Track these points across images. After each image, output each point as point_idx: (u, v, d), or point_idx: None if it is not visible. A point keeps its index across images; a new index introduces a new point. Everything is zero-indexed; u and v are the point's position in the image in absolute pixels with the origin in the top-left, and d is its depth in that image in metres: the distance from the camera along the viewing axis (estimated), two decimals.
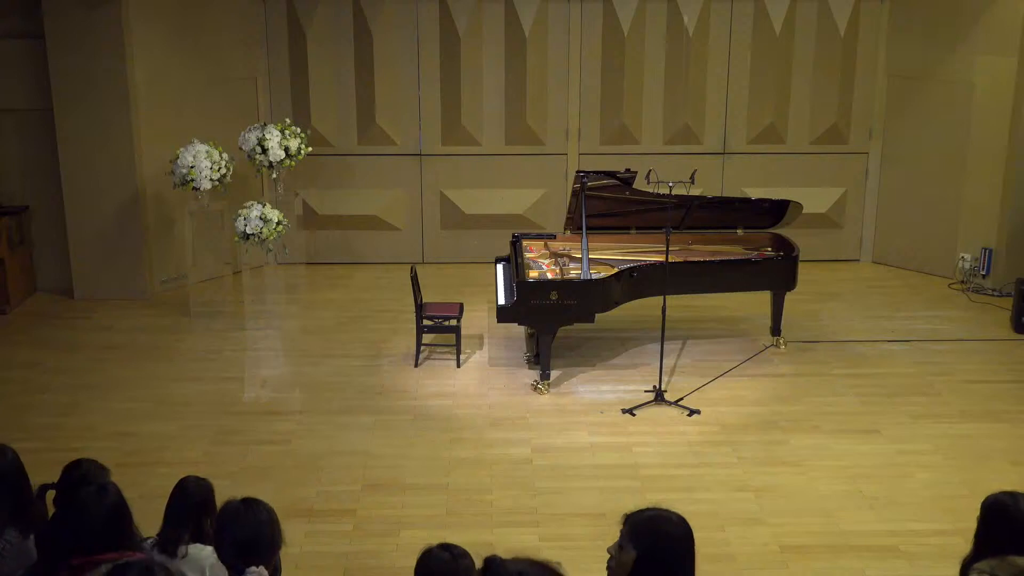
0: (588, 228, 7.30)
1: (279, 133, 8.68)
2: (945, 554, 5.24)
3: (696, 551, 3.00)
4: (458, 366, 7.70)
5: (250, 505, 3.36)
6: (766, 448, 6.43)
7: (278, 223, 8.28)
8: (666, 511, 2.91)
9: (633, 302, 7.47)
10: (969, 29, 9.23)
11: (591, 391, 7.26)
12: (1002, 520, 3.37)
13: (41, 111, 8.86)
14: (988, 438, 6.56)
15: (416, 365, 7.70)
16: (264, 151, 8.64)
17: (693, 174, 7.06)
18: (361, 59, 9.87)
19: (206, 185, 8.36)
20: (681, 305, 8.51)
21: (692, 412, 6.87)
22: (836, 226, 10.32)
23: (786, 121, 10.07)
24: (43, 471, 3.87)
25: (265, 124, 8.83)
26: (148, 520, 3.74)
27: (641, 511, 2.94)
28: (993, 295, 9.18)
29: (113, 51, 8.66)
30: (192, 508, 3.71)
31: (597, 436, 6.59)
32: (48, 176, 9.00)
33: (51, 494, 3.73)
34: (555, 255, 7.89)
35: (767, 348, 8.01)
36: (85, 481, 3.59)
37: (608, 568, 2.97)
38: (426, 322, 7.65)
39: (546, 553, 3.41)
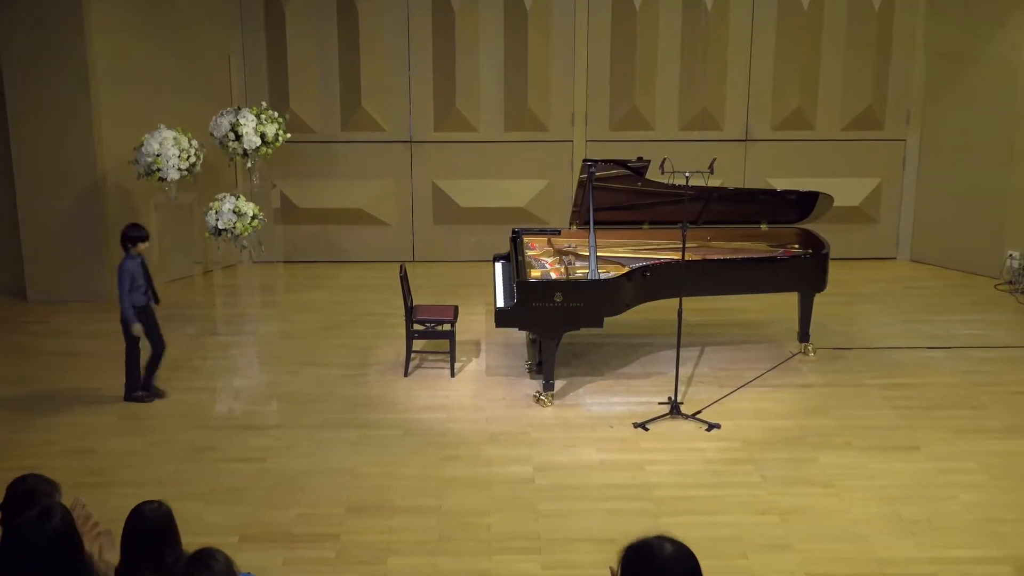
0: (596, 223, 7.29)
1: (254, 118, 8.68)
2: None
3: None
4: (452, 375, 7.69)
5: (205, 560, 3.25)
6: (793, 467, 6.41)
7: (253, 217, 8.27)
8: (662, 539, 2.85)
9: (646, 305, 7.46)
10: (1017, 2, 9.22)
11: (599, 403, 7.25)
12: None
13: None
14: None
15: (406, 374, 7.70)
16: (238, 138, 8.63)
17: (712, 163, 7.05)
18: (345, 36, 9.86)
19: (174, 175, 8.35)
20: (699, 308, 8.49)
21: (711, 427, 6.86)
22: (870, 221, 10.31)
23: (815, 105, 10.07)
24: None
25: (239, 108, 8.82)
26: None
27: (637, 540, 2.88)
28: None
29: (70, 28, 8.65)
30: (150, 539, 3.64)
31: (606, 453, 6.57)
32: None
33: None
34: (559, 253, 7.88)
35: (794, 356, 8.00)
36: (30, 500, 3.55)
37: None
38: (417, 327, 7.64)
39: None
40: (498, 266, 8.00)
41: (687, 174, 6.82)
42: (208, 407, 7.22)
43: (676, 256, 7.39)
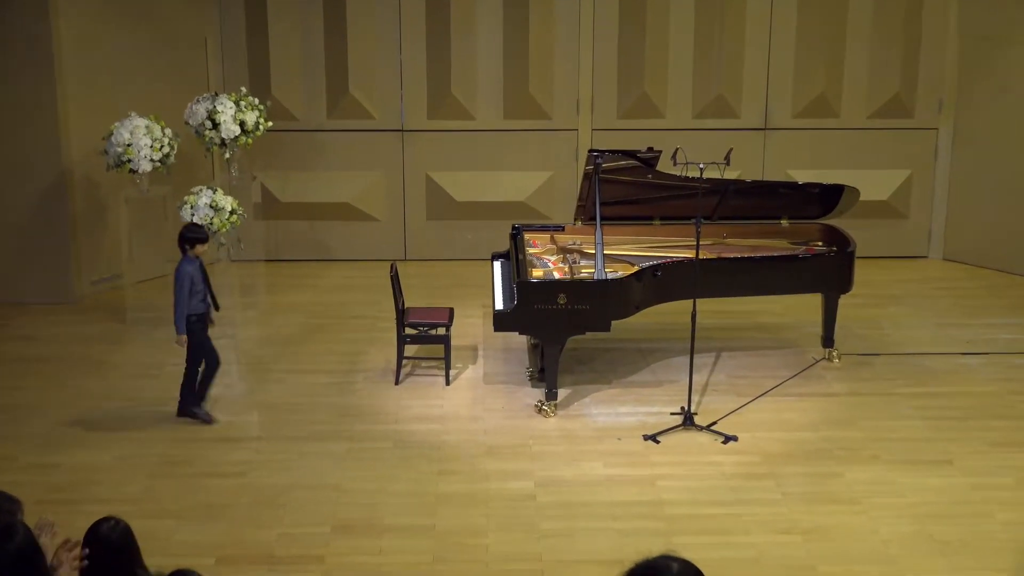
0: (603, 218, 7.29)
1: (233, 105, 8.67)
2: None
3: None
4: (447, 383, 7.69)
5: None
6: (816, 482, 6.41)
7: (232, 212, 8.26)
8: (668, 559, 2.84)
9: (657, 307, 7.46)
10: None
11: (606, 414, 7.25)
12: None
13: None
14: None
15: (397, 382, 7.69)
16: (215, 126, 8.63)
17: (728, 154, 7.04)
18: (331, 16, 9.86)
19: (146, 167, 8.34)
20: (714, 310, 8.49)
21: (728, 439, 6.86)
22: (900, 216, 10.31)
23: (839, 91, 10.07)
24: None
25: (216, 94, 8.81)
26: None
27: (642, 561, 2.87)
28: None
29: (35, 10, 8.64)
30: (108, 559, 3.64)
31: (614, 467, 6.57)
32: None
33: None
34: (563, 250, 7.88)
35: (817, 362, 8.00)
36: None
37: None
38: (409, 331, 7.63)
39: None
40: (497, 265, 7.99)
41: (701, 166, 6.81)
42: (182, 418, 7.21)
43: (689, 254, 7.38)
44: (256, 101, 8.90)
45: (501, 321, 7.13)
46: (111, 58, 9.11)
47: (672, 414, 7.12)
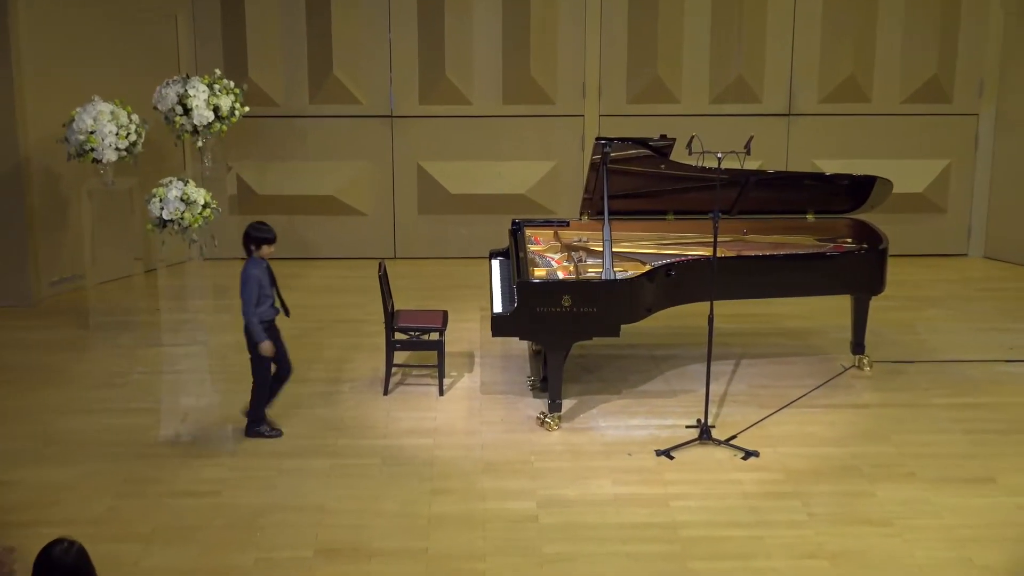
0: (612, 212, 7.28)
1: (206, 88, 8.66)
2: None
3: None
4: (441, 394, 7.68)
5: None
6: (845, 502, 6.40)
7: (205, 206, 8.25)
8: None
9: (670, 310, 7.45)
10: None
11: (615, 427, 7.24)
12: None
13: None
14: None
15: (386, 392, 7.68)
16: (186, 112, 8.62)
17: (749, 142, 7.03)
18: None
19: (110, 156, 8.33)
20: (733, 314, 8.46)
21: (748, 454, 6.85)
22: (937, 210, 10.30)
23: (870, 73, 10.06)
24: None
25: (188, 77, 8.80)
26: None
27: None
28: None
29: None
30: None
31: (623, 486, 6.56)
32: None
33: None
34: (568, 248, 7.86)
35: (846, 370, 7.99)
36: None
37: None
38: (399, 336, 7.62)
39: None
40: (495, 264, 7.98)
41: (719, 155, 6.79)
42: (151, 431, 7.20)
43: (706, 252, 7.36)
44: (231, 84, 8.89)
45: (500, 325, 7.12)
46: (72, 38, 9.09)
47: (687, 427, 7.10)
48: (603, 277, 7.07)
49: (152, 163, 9.06)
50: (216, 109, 8.69)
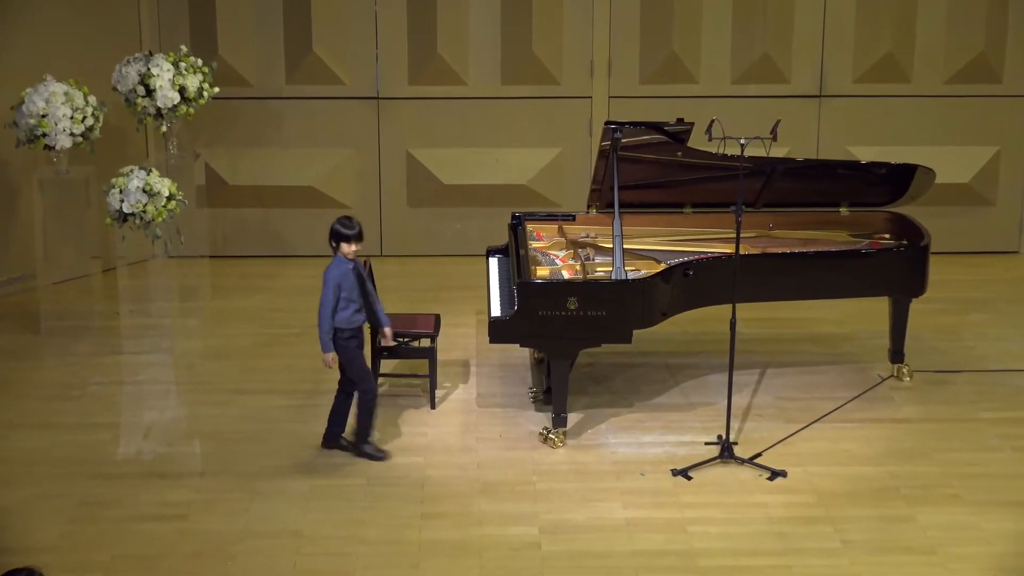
0: (623, 205, 7.28)
1: (171, 67, 8.66)
2: None
3: None
4: (432, 407, 7.68)
5: None
6: (883, 527, 6.40)
7: (170, 198, 8.25)
8: None
9: (688, 314, 7.45)
10: None
11: (627, 443, 7.24)
12: None
13: None
14: None
15: None
16: (149, 93, 8.61)
17: (775, 127, 7.03)
18: None
19: (64, 142, 8.33)
20: (758, 318, 8.46)
21: (775, 474, 6.85)
22: (985, 203, 10.30)
23: (911, 50, 10.06)
24: None
25: (151, 54, 8.80)
26: None
27: None
28: None
29: None
30: None
31: (635, 509, 6.56)
32: None
33: None
34: (574, 245, 7.86)
35: (884, 380, 7.99)
36: None
37: None
38: (385, 342, 7.62)
39: None
40: (493, 262, 7.98)
41: (742, 141, 6.79)
42: (109, 449, 7.20)
43: (728, 249, 7.36)
44: (199, 62, 8.88)
45: (498, 331, 7.12)
46: (22, 12, 9.08)
47: (707, 444, 7.11)
48: (613, 277, 7.07)
49: (111, 150, 9.05)
50: (182, 90, 8.68)
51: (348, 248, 6.83)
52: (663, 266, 7.29)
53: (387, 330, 7.09)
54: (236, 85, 9.86)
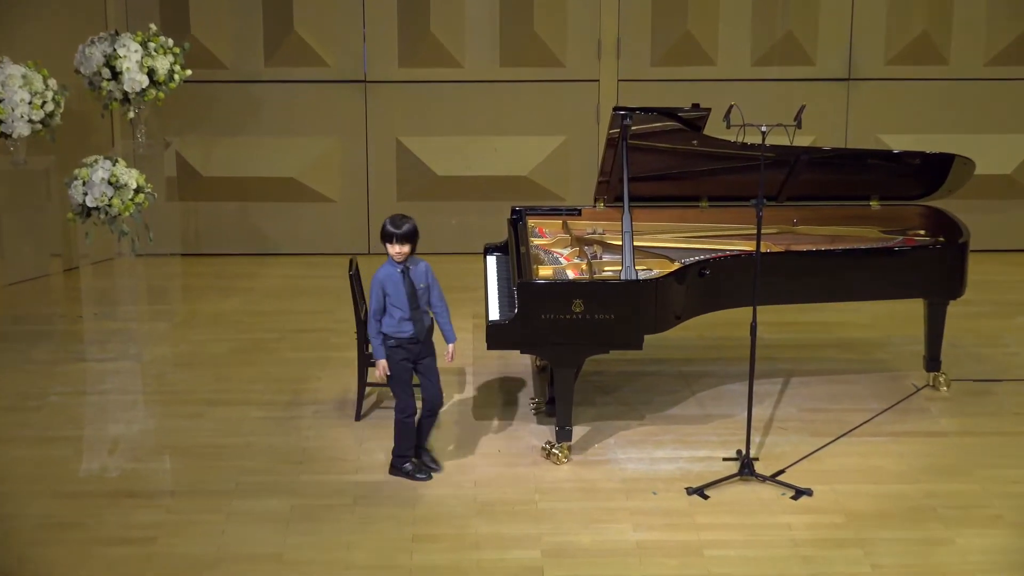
0: (633, 199, 7.27)
1: (139, 48, 8.65)
2: None
3: None
4: None
5: None
6: (918, 551, 6.39)
7: (138, 191, 8.24)
8: None
9: (705, 317, 7.45)
10: None
11: (637, 459, 7.24)
12: None
13: None
14: None
15: (358, 418, 7.68)
16: (115, 76, 8.61)
17: (800, 112, 7.02)
18: None
19: (22, 130, 8.32)
20: (781, 322, 8.46)
21: (799, 492, 6.84)
22: None
23: (948, 29, 10.06)
24: None
25: (117, 33, 8.79)
26: None
27: None
28: None
29: None
30: None
31: (647, 531, 6.56)
32: None
33: None
34: (580, 242, 7.86)
35: (919, 390, 7.99)
36: None
37: None
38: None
39: None
40: (491, 261, 7.99)
41: (763, 128, 6.79)
42: (71, 465, 7.19)
43: (748, 247, 7.35)
44: (170, 43, 8.87)
45: (497, 336, 7.11)
46: None
47: (725, 459, 7.10)
48: (622, 277, 7.07)
49: (74, 138, 9.05)
50: (151, 73, 8.67)
51: (392, 249, 6.77)
52: (677, 265, 7.28)
53: (450, 347, 7.00)
54: (210, 67, 9.86)
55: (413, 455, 7.01)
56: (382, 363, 6.90)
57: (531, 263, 7.44)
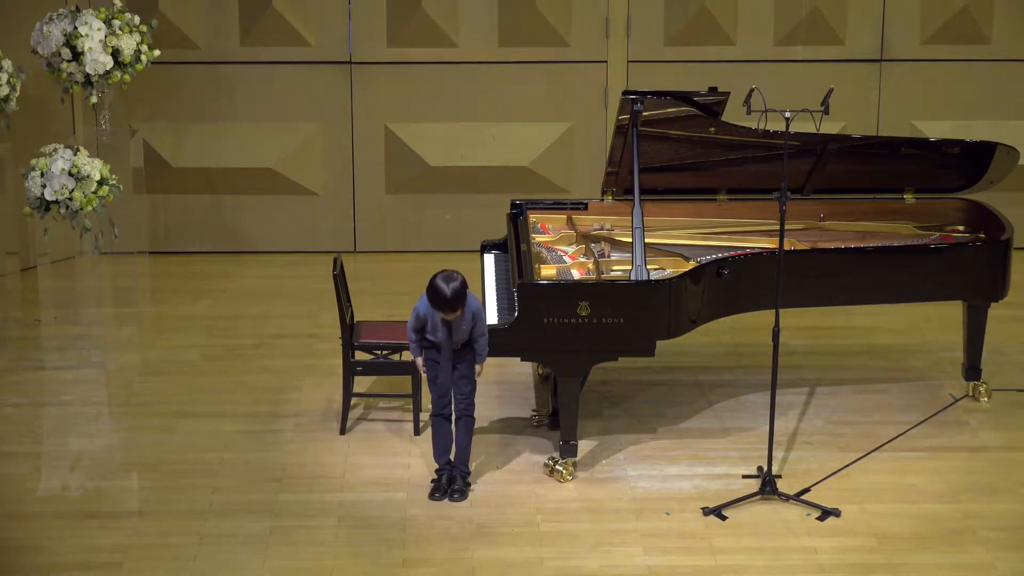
0: (644, 191, 7.29)
1: (103, 26, 8.66)
2: None
3: None
4: (417, 433, 7.69)
5: None
6: None
7: (101, 183, 8.26)
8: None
9: (723, 321, 7.47)
10: None
11: (649, 476, 7.26)
12: None
13: None
14: None
15: (343, 431, 7.70)
16: (76, 56, 8.62)
17: (827, 97, 7.05)
18: None
19: None
20: (806, 326, 8.47)
21: (826, 513, 6.86)
22: None
23: (990, 6, 10.07)
24: None
25: (78, 10, 8.81)
26: None
27: None
28: None
29: None
30: None
31: (659, 555, 6.57)
32: None
33: None
34: (586, 239, 7.88)
35: (957, 401, 8.01)
36: None
37: None
38: (361, 355, 7.63)
39: None
40: (489, 260, 8.01)
41: (787, 114, 6.81)
42: (27, 484, 7.21)
43: (770, 244, 7.37)
44: (136, 20, 8.88)
45: (496, 342, 7.13)
46: None
47: (745, 477, 7.12)
48: (632, 277, 7.09)
49: (30, 125, 9.07)
50: (116, 53, 8.69)
51: (441, 315, 6.74)
52: (693, 264, 7.30)
53: (478, 367, 7.01)
54: (180, 47, 9.87)
55: (448, 468, 7.02)
56: (420, 360, 6.96)
57: (532, 262, 7.46)
